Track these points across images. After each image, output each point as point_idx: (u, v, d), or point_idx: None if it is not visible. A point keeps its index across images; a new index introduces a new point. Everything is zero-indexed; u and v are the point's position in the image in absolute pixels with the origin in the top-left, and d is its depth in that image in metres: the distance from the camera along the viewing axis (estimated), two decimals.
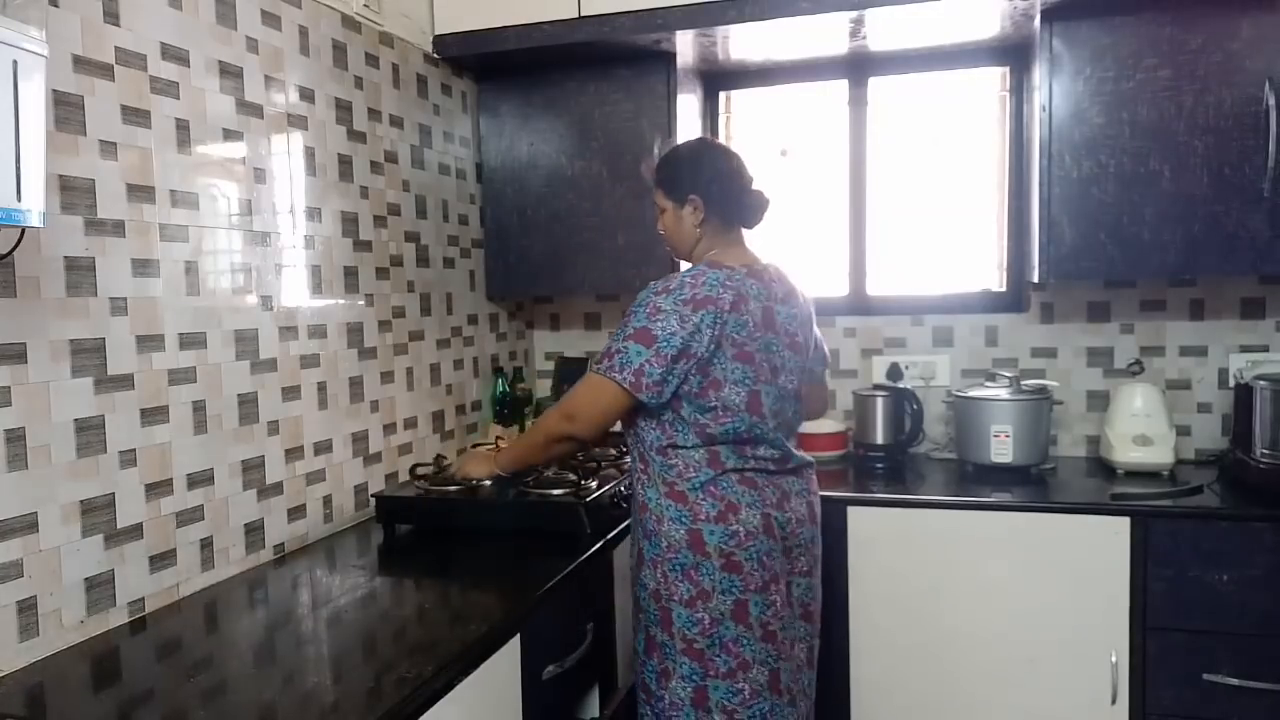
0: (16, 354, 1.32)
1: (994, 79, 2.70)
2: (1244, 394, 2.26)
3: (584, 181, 2.59)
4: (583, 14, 2.34)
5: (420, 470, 2.11)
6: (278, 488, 1.85)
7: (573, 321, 3.04)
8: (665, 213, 1.83)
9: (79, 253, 1.41)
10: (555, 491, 1.96)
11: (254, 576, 1.73)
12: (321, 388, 1.99)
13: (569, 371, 2.96)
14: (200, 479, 1.65)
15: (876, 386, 2.61)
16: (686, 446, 1.70)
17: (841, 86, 2.81)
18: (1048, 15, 2.22)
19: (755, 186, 1.81)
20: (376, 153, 2.20)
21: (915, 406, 2.51)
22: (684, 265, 1.88)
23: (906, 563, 2.20)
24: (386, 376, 2.23)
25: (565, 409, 1.74)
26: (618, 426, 1.79)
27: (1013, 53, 2.61)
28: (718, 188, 1.78)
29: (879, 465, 2.54)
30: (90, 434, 1.43)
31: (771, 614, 1.70)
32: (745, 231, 1.84)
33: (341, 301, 2.07)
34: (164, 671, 1.35)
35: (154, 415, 1.55)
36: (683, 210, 1.80)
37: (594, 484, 2.00)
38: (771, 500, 1.72)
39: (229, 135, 1.73)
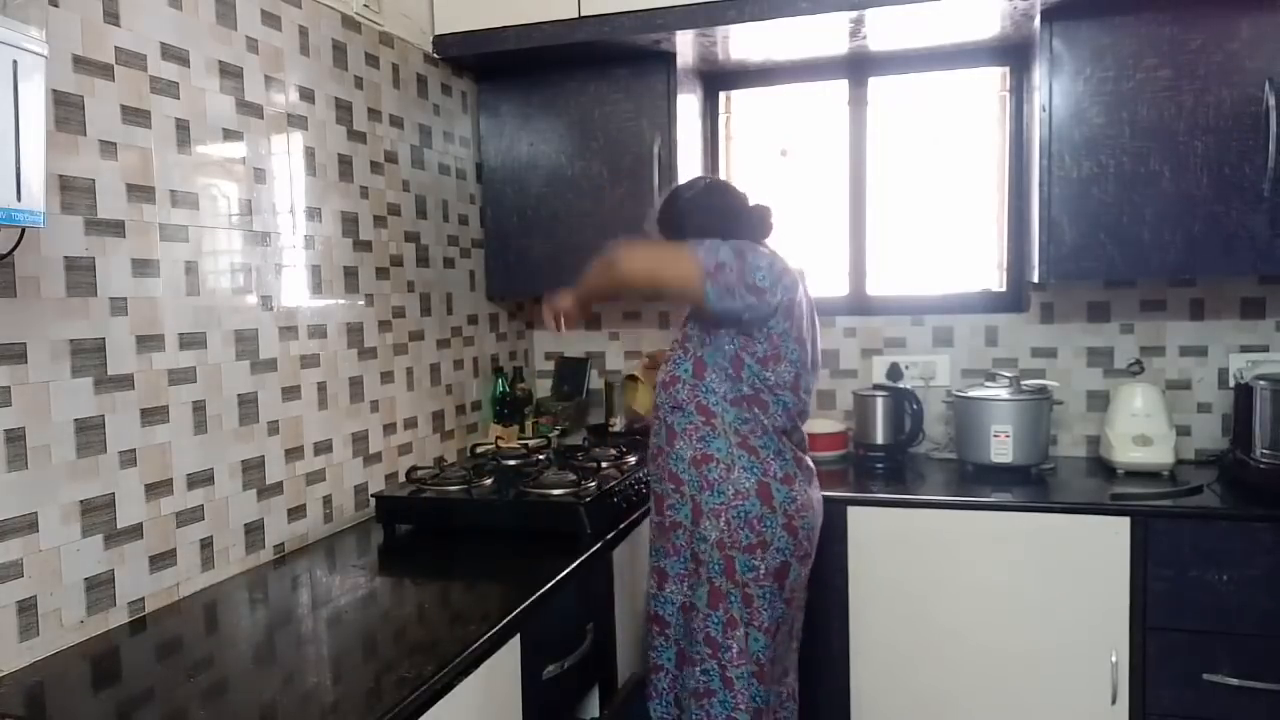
0: (16, 354, 1.32)
1: (994, 79, 2.70)
2: (1244, 394, 2.26)
3: (584, 181, 2.59)
4: (583, 14, 2.34)
5: (417, 473, 2.11)
6: (278, 488, 1.85)
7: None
8: None
9: (79, 253, 1.41)
10: (555, 491, 1.95)
11: (254, 576, 1.73)
12: (321, 388, 1.99)
13: (569, 371, 2.96)
14: (200, 479, 1.65)
15: (876, 386, 2.61)
16: (754, 404, 1.76)
17: (841, 86, 2.81)
18: (1048, 15, 2.22)
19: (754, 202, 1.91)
20: (376, 153, 2.20)
21: (915, 406, 2.51)
22: None
23: (906, 563, 2.20)
24: (386, 376, 2.23)
25: (628, 247, 1.77)
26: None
27: (1013, 53, 2.61)
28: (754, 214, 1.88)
29: (879, 465, 2.54)
30: (90, 434, 1.43)
31: (798, 585, 1.81)
32: None
33: (341, 301, 2.06)
34: (164, 671, 1.35)
35: (154, 415, 1.55)
36: None
37: (594, 484, 2.00)
38: (808, 480, 1.83)
39: (229, 135, 1.72)
